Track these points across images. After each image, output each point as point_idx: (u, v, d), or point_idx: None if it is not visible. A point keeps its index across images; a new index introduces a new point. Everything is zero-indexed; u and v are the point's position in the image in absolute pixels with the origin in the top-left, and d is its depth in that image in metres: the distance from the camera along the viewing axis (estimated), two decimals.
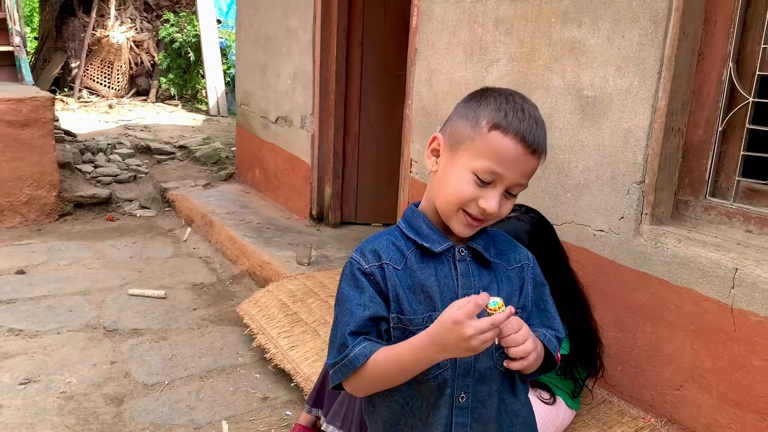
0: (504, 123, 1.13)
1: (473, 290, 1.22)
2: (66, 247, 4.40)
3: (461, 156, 1.17)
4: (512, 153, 1.12)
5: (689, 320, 2.12)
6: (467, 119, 1.18)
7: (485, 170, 1.14)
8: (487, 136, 1.13)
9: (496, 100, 1.16)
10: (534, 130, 1.14)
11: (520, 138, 1.12)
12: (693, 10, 2.11)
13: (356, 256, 1.23)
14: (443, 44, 3.08)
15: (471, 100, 1.20)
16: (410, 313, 1.20)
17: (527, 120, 1.14)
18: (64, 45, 10.31)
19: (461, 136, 1.17)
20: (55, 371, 2.79)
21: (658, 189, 2.23)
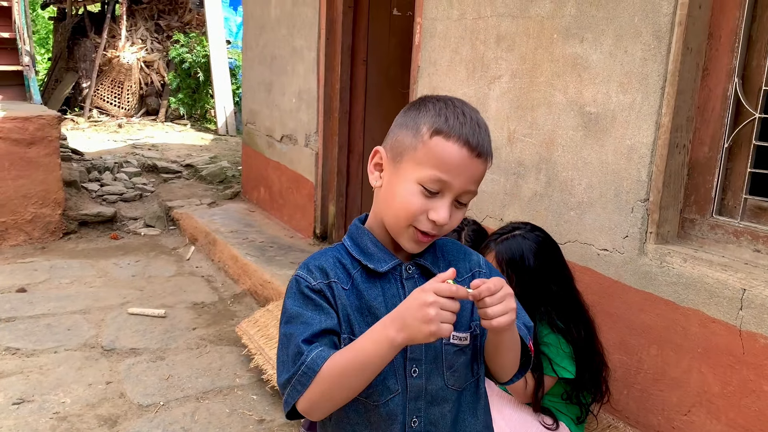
0: (445, 127, 1.09)
1: None
2: (69, 265, 4.38)
3: (405, 167, 1.12)
4: (457, 158, 1.08)
5: (696, 343, 2.05)
6: (407, 128, 1.13)
7: (431, 179, 1.09)
8: (430, 143, 1.09)
9: (435, 106, 1.12)
10: (477, 132, 1.10)
11: (464, 141, 1.08)
12: (696, 24, 2.07)
13: (303, 274, 1.17)
14: (445, 61, 3.05)
15: (410, 109, 1.16)
16: (362, 332, 1.14)
17: (469, 123, 1.10)
18: (76, 65, 10.43)
19: (403, 146, 1.13)
20: (49, 391, 2.75)
21: (663, 207, 2.17)
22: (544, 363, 1.93)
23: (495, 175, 2.80)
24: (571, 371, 1.94)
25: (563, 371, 1.93)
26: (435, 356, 1.18)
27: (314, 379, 1.07)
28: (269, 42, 5.14)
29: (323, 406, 1.10)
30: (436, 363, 1.18)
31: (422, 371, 1.17)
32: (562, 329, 1.95)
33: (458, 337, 1.19)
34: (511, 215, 2.73)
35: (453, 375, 1.19)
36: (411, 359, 1.17)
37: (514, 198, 2.72)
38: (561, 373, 1.93)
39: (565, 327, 1.96)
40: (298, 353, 1.09)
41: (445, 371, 1.18)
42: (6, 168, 4.69)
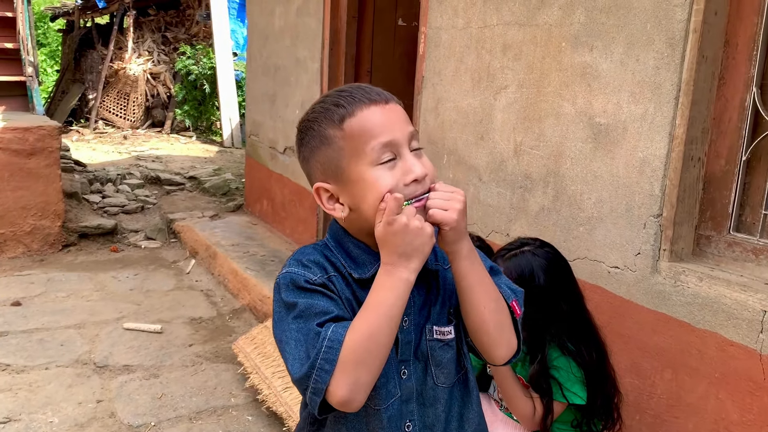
0: (343, 111, 1.05)
1: (413, 308, 1.13)
2: (66, 278, 4.30)
3: (351, 169, 1.06)
4: (375, 117, 1.05)
5: (713, 367, 1.93)
6: (319, 149, 1.08)
7: (377, 150, 1.04)
8: (347, 132, 1.05)
9: (315, 113, 1.09)
10: (366, 89, 1.08)
11: (366, 103, 1.05)
12: (712, 31, 1.97)
13: (297, 270, 1.08)
14: (450, 71, 2.97)
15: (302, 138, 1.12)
16: None
17: (355, 90, 1.08)
18: (83, 77, 10.44)
19: (331, 160, 1.08)
20: (37, 410, 2.65)
21: (677, 223, 2.06)
22: (554, 388, 1.82)
23: (501, 189, 2.70)
24: (582, 397, 1.83)
25: (574, 397, 1.82)
26: (422, 354, 1.14)
27: (342, 351, 0.97)
28: (273, 53, 5.08)
29: (362, 379, 0.98)
30: (424, 361, 1.14)
31: (411, 372, 1.12)
32: (572, 352, 1.85)
33: (441, 331, 1.15)
34: (518, 230, 2.62)
35: (442, 372, 1.15)
36: (400, 361, 1.12)
37: (520, 212, 2.62)
38: (572, 399, 1.82)
39: (576, 349, 1.85)
40: (316, 334, 0.99)
41: (433, 369, 1.14)
42: (5, 179, 4.63)
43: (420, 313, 1.14)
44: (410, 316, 1.12)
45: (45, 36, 19.06)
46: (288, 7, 4.73)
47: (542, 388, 1.83)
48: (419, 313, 1.14)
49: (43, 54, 18.39)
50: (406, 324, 1.11)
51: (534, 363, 1.86)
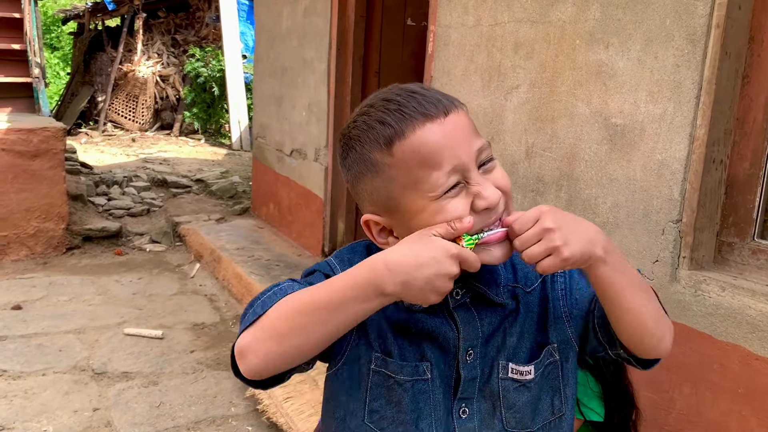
0: (390, 132, 0.86)
1: (479, 340, 0.96)
2: (69, 281, 4.23)
3: (407, 202, 0.87)
4: (432, 139, 0.85)
5: (736, 382, 1.82)
6: (364, 175, 0.90)
7: (440, 183, 0.85)
8: (397, 159, 0.86)
9: (361, 129, 0.89)
10: (420, 99, 0.87)
11: (420, 121, 0.85)
12: (736, 27, 1.86)
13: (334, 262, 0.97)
14: (460, 71, 2.87)
15: (344, 158, 0.93)
16: (399, 357, 0.94)
17: (405, 102, 0.86)
18: (92, 79, 10.44)
19: (381, 191, 0.89)
20: (32, 418, 2.58)
21: (697, 229, 1.95)
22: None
23: (512, 192, 2.60)
24: (600, 414, 1.72)
25: (591, 413, 1.71)
26: (490, 393, 0.97)
27: (273, 309, 0.85)
28: (280, 54, 5.01)
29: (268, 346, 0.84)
30: (492, 401, 0.97)
31: (473, 411, 0.96)
32: (590, 366, 1.74)
33: (518, 370, 0.97)
34: None
35: (514, 416, 0.97)
36: (460, 399, 0.96)
37: None
38: (589, 416, 1.71)
39: (593, 363, 1.75)
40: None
41: (504, 412, 0.97)
42: (9, 180, 4.57)
43: (488, 343, 0.97)
44: (476, 348, 0.96)
45: (58, 40, 19.16)
46: (295, 8, 4.65)
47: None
48: (486, 344, 0.97)
49: (56, 57, 18.50)
50: (470, 358, 0.95)
51: None
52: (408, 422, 0.94)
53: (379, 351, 0.95)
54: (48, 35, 18.30)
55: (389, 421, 0.95)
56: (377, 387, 0.95)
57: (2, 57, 5.69)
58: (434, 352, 0.95)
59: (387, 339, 0.94)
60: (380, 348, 0.95)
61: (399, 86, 0.91)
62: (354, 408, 0.97)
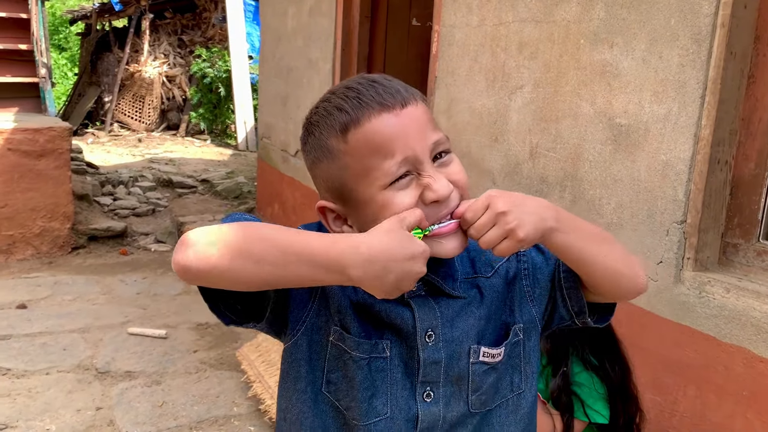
0: (346, 118, 0.86)
1: (439, 321, 0.94)
2: (73, 281, 4.24)
3: (359, 191, 0.88)
4: (386, 128, 0.85)
5: (741, 384, 1.81)
6: (320, 161, 0.90)
7: (390, 171, 0.85)
8: (350, 147, 0.86)
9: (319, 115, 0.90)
10: (379, 89, 0.87)
11: (376, 109, 0.86)
12: (741, 26, 1.85)
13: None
14: (464, 71, 2.86)
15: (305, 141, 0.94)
16: (358, 333, 0.92)
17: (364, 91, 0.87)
18: (99, 80, 10.48)
19: (335, 178, 0.89)
20: (35, 416, 2.58)
21: (702, 230, 1.94)
22: (576, 405, 1.71)
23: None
24: (605, 416, 1.71)
25: (596, 415, 1.71)
26: (458, 378, 0.95)
27: (242, 223, 0.84)
28: (286, 54, 5.01)
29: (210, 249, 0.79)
30: (459, 385, 0.96)
31: (439, 395, 0.95)
32: (596, 366, 1.73)
33: (489, 354, 0.96)
34: None
35: (479, 398, 0.96)
36: (423, 382, 0.94)
37: None
38: (594, 418, 1.71)
39: (599, 364, 1.74)
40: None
41: (470, 394, 0.96)
42: (15, 180, 4.59)
43: (454, 325, 0.95)
44: (437, 330, 0.94)
45: (66, 40, 19.24)
46: (301, 8, 4.66)
47: (563, 404, 1.71)
48: (452, 326, 0.95)
49: (64, 58, 18.57)
50: (431, 340, 0.94)
51: (555, 377, 1.74)
52: (360, 399, 0.93)
53: (338, 325, 0.94)
54: (56, 36, 18.39)
55: (343, 394, 0.94)
56: (334, 359, 0.94)
57: (9, 57, 5.71)
58: (394, 332, 0.94)
59: (347, 314, 0.93)
60: (339, 322, 0.94)
61: (363, 75, 0.92)
62: (314, 377, 0.96)
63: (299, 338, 0.95)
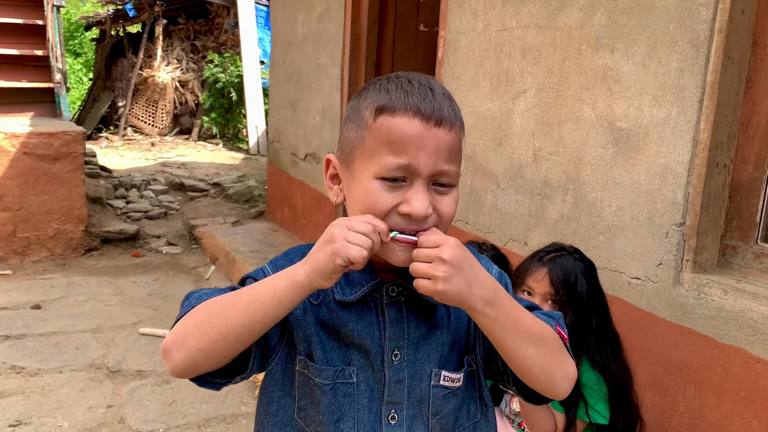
0: (387, 102, 0.91)
1: (405, 342, 0.99)
2: (87, 282, 4.32)
3: (357, 166, 0.94)
4: (409, 132, 0.89)
5: (739, 384, 1.83)
6: (351, 121, 0.97)
7: (388, 167, 0.90)
8: (375, 127, 0.92)
9: (377, 84, 0.96)
10: (429, 97, 0.91)
11: (413, 112, 0.90)
12: (739, 32, 1.88)
13: (269, 269, 1.01)
14: (469, 76, 2.90)
15: (353, 98, 1.00)
16: (322, 361, 0.98)
17: (417, 89, 0.91)
18: (113, 85, 10.60)
19: (350, 143, 0.96)
20: (48, 413, 2.64)
21: (700, 232, 1.96)
22: (579, 404, 1.73)
23: (519, 196, 2.63)
24: (606, 417, 1.73)
25: (597, 416, 1.72)
26: (419, 400, 1.00)
27: (195, 308, 0.92)
28: (296, 59, 5.07)
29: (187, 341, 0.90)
30: (421, 408, 1.00)
31: (403, 417, 0.99)
32: (602, 366, 1.75)
33: (449, 378, 1.01)
34: (536, 239, 2.54)
35: (439, 422, 1.01)
36: (389, 403, 0.99)
37: (539, 220, 2.54)
38: (594, 418, 1.72)
39: (605, 364, 1.76)
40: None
41: (430, 418, 1.01)
42: (30, 183, 4.68)
43: (418, 348, 1.00)
44: (402, 350, 0.99)
45: (81, 46, 19.44)
46: (310, 14, 4.72)
47: (567, 403, 1.73)
48: (417, 348, 1.00)
49: (78, 63, 18.77)
50: (396, 359, 0.99)
51: None
52: (326, 423, 0.97)
53: (303, 354, 0.98)
54: (71, 42, 18.60)
55: (311, 419, 0.99)
56: (302, 387, 0.99)
57: (25, 63, 5.82)
58: (361, 355, 0.99)
59: (311, 342, 0.98)
60: (304, 351, 0.98)
61: (430, 78, 0.96)
62: (286, 403, 1.01)
63: (274, 367, 1.01)
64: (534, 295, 1.78)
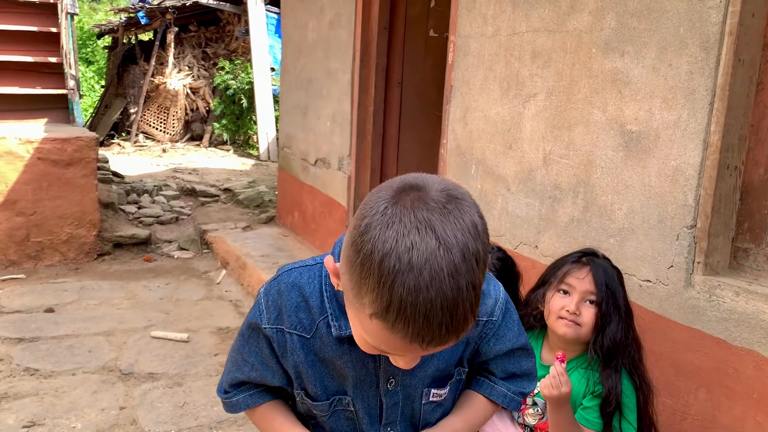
0: (386, 319, 0.77)
1: (399, 373, 1.03)
2: (99, 286, 4.35)
3: (351, 311, 0.86)
4: (404, 348, 0.82)
5: (751, 387, 1.82)
6: (351, 280, 0.82)
7: (375, 348, 0.86)
8: (370, 323, 0.81)
9: (381, 270, 0.76)
10: (438, 320, 0.76)
11: (410, 339, 0.78)
12: (749, 34, 1.88)
13: (262, 302, 1.04)
14: (479, 80, 2.92)
15: (355, 249, 0.80)
16: (316, 395, 1.04)
17: (427, 306, 0.75)
18: (125, 91, 10.69)
19: (347, 292, 0.85)
20: (61, 415, 2.66)
21: (712, 234, 1.96)
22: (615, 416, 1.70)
23: (529, 199, 2.63)
24: (635, 427, 1.69)
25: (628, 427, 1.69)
26: (411, 415, 1.08)
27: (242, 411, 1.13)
28: (306, 65, 5.10)
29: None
30: (412, 421, 1.09)
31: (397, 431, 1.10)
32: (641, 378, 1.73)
33: (437, 394, 1.08)
34: (546, 242, 2.55)
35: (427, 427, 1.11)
36: (386, 423, 1.07)
37: (549, 223, 2.54)
38: (626, 429, 1.69)
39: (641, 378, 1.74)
40: (226, 391, 1.13)
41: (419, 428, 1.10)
42: (44, 188, 4.72)
43: (413, 375, 1.03)
44: (397, 377, 1.03)
45: (93, 54, 19.61)
46: (321, 20, 4.75)
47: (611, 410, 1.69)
48: (412, 375, 1.03)
49: (91, 71, 18.93)
50: (392, 386, 1.03)
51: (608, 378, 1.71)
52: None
53: (299, 388, 1.05)
54: (83, 50, 18.77)
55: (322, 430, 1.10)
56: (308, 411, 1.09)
57: (39, 69, 5.89)
58: (356, 385, 1.03)
59: (304, 377, 1.03)
60: (299, 385, 1.05)
61: (451, 281, 0.77)
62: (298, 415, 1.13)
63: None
64: (572, 293, 1.74)
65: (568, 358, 1.77)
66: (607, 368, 1.71)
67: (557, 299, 1.76)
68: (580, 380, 1.75)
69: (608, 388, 1.69)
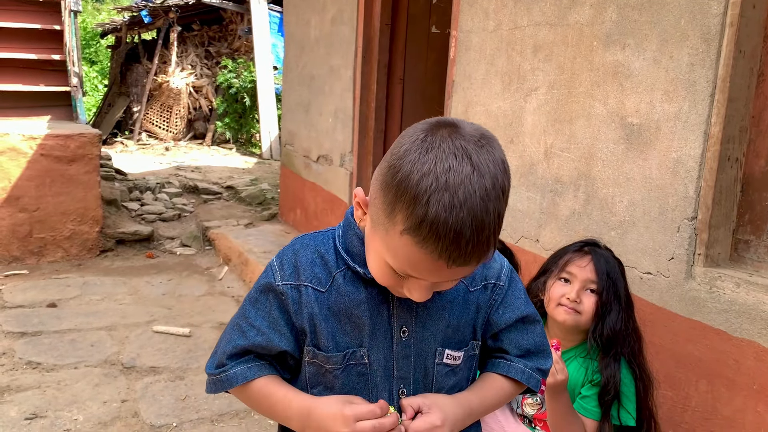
0: (418, 233, 0.82)
1: (413, 320, 1.04)
2: (101, 282, 4.36)
3: (377, 238, 0.91)
4: (429, 266, 0.86)
5: (751, 378, 1.82)
6: (383, 201, 0.88)
7: (399, 269, 0.90)
8: (400, 239, 0.85)
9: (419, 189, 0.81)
10: (464, 237, 0.81)
11: (438, 255, 0.83)
12: (750, 25, 1.88)
13: (275, 264, 1.05)
14: (480, 75, 2.92)
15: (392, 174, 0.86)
16: (329, 348, 1.03)
17: (454, 229, 0.81)
18: (128, 90, 10.72)
19: (376, 216, 0.90)
20: (63, 407, 2.67)
21: (712, 226, 1.96)
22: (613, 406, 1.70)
23: (531, 193, 2.63)
24: (634, 417, 1.69)
25: (627, 417, 1.69)
26: (425, 374, 1.06)
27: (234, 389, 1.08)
28: (308, 62, 5.11)
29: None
30: (425, 383, 1.07)
31: (410, 393, 1.06)
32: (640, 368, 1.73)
33: (452, 356, 1.07)
34: (548, 236, 2.55)
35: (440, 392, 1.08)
36: (398, 378, 1.05)
37: (550, 217, 2.55)
38: (624, 419, 1.69)
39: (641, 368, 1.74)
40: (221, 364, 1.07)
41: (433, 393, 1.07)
42: (47, 185, 4.74)
43: (425, 327, 1.05)
44: (410, 327, 1.04)
45: (96, 54, 19.65)
46: (323, 17, 4.76)
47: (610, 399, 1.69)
48: (424, 327, 1.05)
49: (94, 71, 18.97)
50: (404, 336, 1.03)
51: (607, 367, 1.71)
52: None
53: (310, 344, 1.03)
54: (87, 50, 18.81)
55: None
56: (314, 375, 1.05)
57: (43, 67, 5.91)
58: (372, 335, 1.03)
59: (318, 330, 1.02)
60: (311, 341, 1.03)
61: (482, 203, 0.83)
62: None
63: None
64: (573, 281, 1.75)
65: (568, 347, 1.78)
66: (606, 357, 1.71)
67: (558, 287, 1.76)
68: (579, 369, 1.75)
69: (607, 376, 1.69)
